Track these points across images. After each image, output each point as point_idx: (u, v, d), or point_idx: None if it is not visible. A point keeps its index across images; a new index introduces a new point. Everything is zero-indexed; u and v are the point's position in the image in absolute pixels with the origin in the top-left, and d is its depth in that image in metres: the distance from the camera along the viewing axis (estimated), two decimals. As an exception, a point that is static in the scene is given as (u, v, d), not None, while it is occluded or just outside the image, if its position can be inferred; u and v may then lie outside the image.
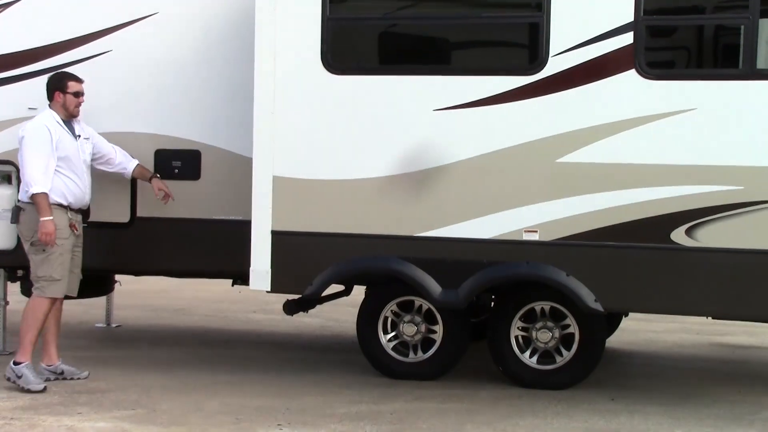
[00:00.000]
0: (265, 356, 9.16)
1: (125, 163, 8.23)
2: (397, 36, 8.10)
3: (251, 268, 7.86)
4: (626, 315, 9.42)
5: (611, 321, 9.27)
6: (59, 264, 7.73)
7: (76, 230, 7.86)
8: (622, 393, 7.83)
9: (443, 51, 7.95)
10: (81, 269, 8.05)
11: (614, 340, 9.69)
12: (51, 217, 7.63)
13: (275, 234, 7.81)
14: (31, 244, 7.74)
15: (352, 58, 8.01)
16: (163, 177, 8.33)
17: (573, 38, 7.30)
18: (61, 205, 7.75)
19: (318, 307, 8.83)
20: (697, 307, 7.43)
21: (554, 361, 7.87)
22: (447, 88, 7.53)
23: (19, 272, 8.94)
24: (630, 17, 7.18)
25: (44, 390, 7.61)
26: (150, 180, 8.25)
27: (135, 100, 8.43)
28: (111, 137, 8.32)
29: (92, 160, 8.07)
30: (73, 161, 7.83)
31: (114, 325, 10.66)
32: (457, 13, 7.91)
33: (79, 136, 7.95)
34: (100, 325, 10.69)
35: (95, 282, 9.07)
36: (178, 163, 8.33)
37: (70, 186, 7.79)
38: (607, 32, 7.23)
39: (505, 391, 7.80)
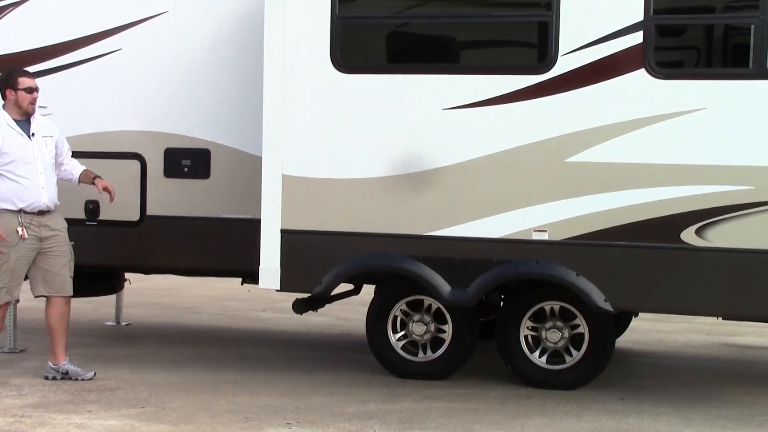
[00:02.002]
0: (274, 355, 9.17)
1: (72, 169, 8.01)
2: (406, 35, 8.10)
3: (260, 267, 7.86)
4: (636, 315, 9.42)
5: (621, 321, 9.25)
6: (3, 271, 7.64)
7: (24, 236, 7.64)
8: (632, 393, 7.82)
9: (452, 50, 7.94)
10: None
11: (624, 340, 9.68)
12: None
13: (284, 233, 7.81)
14: None
15: (361, 56, 8.02)
16: (173, 176, 8.35)
17: (582, 37, 7.29)
18: (9, 210, 7.63)
19: (327, 305, 8.83)
20: (707, 307, 7.42)
21: (564, 361, 7.85)
22: (456, 87, 7.52)
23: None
24: (640, 16, 7.17)
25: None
26: (93, 180, 8.00)
27: (144, 98, 8.44)
28: (120, 136, 8.36)
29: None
30: (24, 162, 7.63)
31: (123, 324, 10.68)
32: (466, 12, 7.89)
33: (34, 134, 7.73)
34: (110, 323, 10.70)
35: (105, 280, 9.09)
36: (187, 161, 8.34)
37: (17, 190, 7.60)
38: (616, 31, 7.22)
39: (514, 390, 7.79)
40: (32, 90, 7.73)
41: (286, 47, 7.74)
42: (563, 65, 7.33)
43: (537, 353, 7.88)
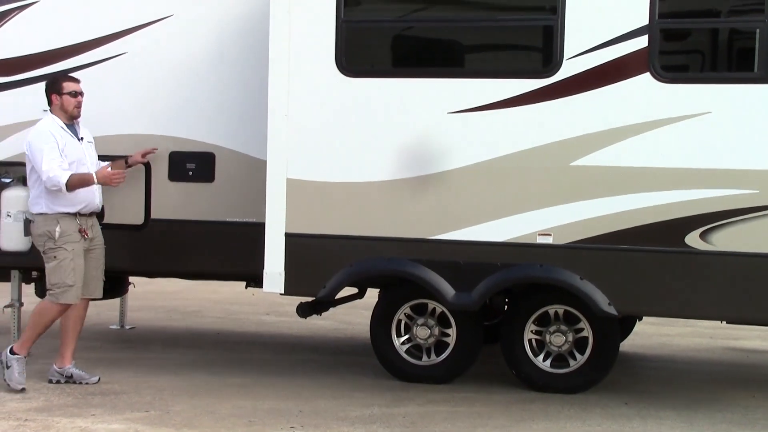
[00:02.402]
0: (278, 359, 9.17)
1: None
2: (411, 39, 8.11)
3: (265, 271, 7.86)
4: (640, 319, 9.41)
5: (625, 325, 9.24)
6: (71, 270, 7.72)
7: (86, 235, 7.83)
8: (636, 397, 7.82)
9: (457, 54, 7.94)
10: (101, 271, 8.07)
11: (628, 344, 9.67)
12: (93, 174, 7.75)
13: (289, 236, 7.81)
14: (43, 252, 7.76)
15: (366, 60, 8.02)
16: (178, 179, 8.35)
17: (588, 41, 7.29)
18: (68, 213, 7.75)
19: (331, 309, 8.83)
20: (711, 311, 7.41)
21: (568, 365, 7.85)
22: (461, 91, 7.52)
23: (34, 274, 8.99)
24: (645, 20, 7.17)
25: (23, 390, 7.63)
26: (127, 164, 8.23)
27: (149, 102, 8.44)
28: (125, 139, 8.36)
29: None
30: (80, 164, 7.79)
31: (127, 327, 10.68)
32: (471, 16, 7.90)
33: (82, 138, 7.92)
34: (114, 326, 10.71)
35: (109, 284, 9.09)
36: (192, 165, 8.34)
37: (78, 193, 7.74)
38: (621, 35, 7.22)
39: (519, 394, 7.79)
40: (77, 94, 7.85)
41: (291, 51, 7.74)
42: (568, 69, 7.33)
43: (541, 357, 7.87)
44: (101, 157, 8.13)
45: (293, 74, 7.75)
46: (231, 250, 8.34)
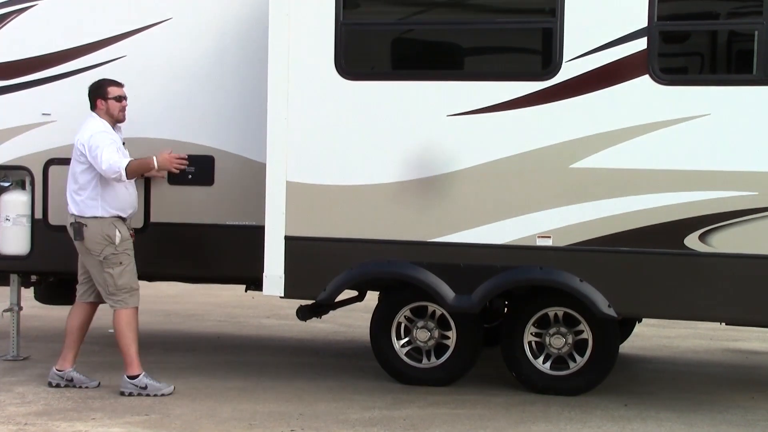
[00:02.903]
0: (278, 362, 9.17)
1: None
2: (410, 41, 8.11)
3: (264, 274, 7.86)
4: (640, 321, 9.42)
5: (624, 327, 9.25)
6: (134, 272, 7.78)
7: (134, 236, 7.89)
8: (636, 399, 7.82)
9: (457, 56, 7.95)
10: None
11: (627, 346, 9.67)
12: (153, 157, 7.80)
13: (288, 239, 7.82)
14: (104, 258, 7.67)
15: (365, 63, 8.03)
16: (177, 182, 8.34)
17: (587, 44, 7.29)
18: (120, 217, 7.75)
19: (331, 312, 8.83)
20: (711, 312, 7.42)
21: (568, 367, 7.85)
22: (460, 93, 7.53)
23: (33, 278, 8.99)
24: (644, 23, 7.17)
25: (172, 388, 7.77)
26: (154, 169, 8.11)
27: (148, 105, 8.42)
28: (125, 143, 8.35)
29: None
30: None
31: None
32: (470, 19, 7.90)
33: (124, 143, 7.94)
34: (113, 330, 10.68)
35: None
36: (191, 168, 8.33)
37: (129, 196, 7.81)
38: (620, 38, 7.22)
39: (519, 397, 7.79)
40: (121, 98, 7.84)
41: (290, 54, 7.74)
42: (567, 71, 7.33)
43: (541, 359, 7.88)
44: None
45: (292, 77, 7.75)
46: (231, 254, 8.34)
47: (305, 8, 7.73)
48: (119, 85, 7.90)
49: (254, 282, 8.29)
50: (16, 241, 8.53)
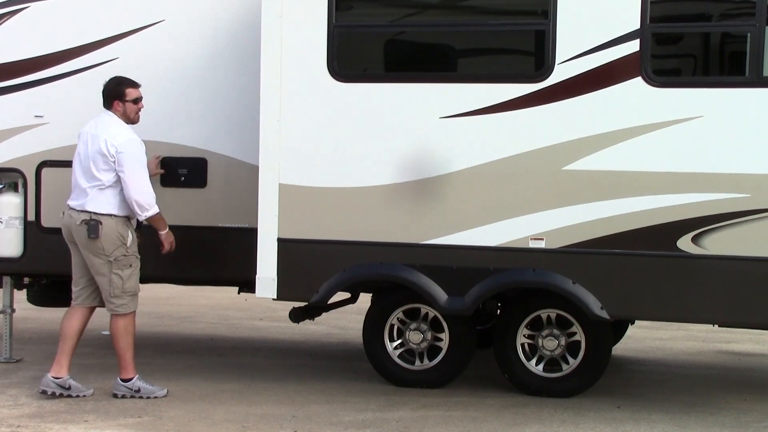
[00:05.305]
0: (272, 364, 9.17)
1: None
2: (403, 43, 8.12)
3: (257, 276, 7.86)
4: (632, 323, 9.43)
5: (617, 328, 9.26)
6: (138, 276, 7.77)
7: (140, 239, 7.86)
8: (629, 401, 7.82)
9: (450, 58, 7.96)
10: None
11: (620, 348, 9.69)
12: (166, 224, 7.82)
13: (281, 241, 7.81)
14: (115, 259, 7.61)
15: (358, 65, 8.03)
16: (170, 185, 8.34)
17: (579, 46, 7.30)
18: (129, 218, 7.72)
19: (324, 314, 8.83)
20: (704, 314, 7.43)
21: (560, 369, 7.86)
22: (453, 95, 7.53)
23: (26, 280, 8.97)
24: (636, 25, 7.18)
25: (167, 394, 7.73)
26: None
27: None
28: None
29: None
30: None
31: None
32: (463, 21, 7.91)
33: None
34: (106, 332, 10.62)
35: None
36: (184, 170, 8.33)
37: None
38: (613, 40, 7.23)
39: (511, 398, 7.79)
40: (138, 100, 7.76)
41: (283, 56, 7.74)
42: (560, 74, 7.33)
43: (534, 361, 7.88)
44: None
45: (285, 79, 7.75)
46: (224, 256, 8.34)
47: (298, 10, 7.73)
48: (136, 85, 7.79)
49: (247, 284, 8.29)
50: (9, 244, 8.52)
